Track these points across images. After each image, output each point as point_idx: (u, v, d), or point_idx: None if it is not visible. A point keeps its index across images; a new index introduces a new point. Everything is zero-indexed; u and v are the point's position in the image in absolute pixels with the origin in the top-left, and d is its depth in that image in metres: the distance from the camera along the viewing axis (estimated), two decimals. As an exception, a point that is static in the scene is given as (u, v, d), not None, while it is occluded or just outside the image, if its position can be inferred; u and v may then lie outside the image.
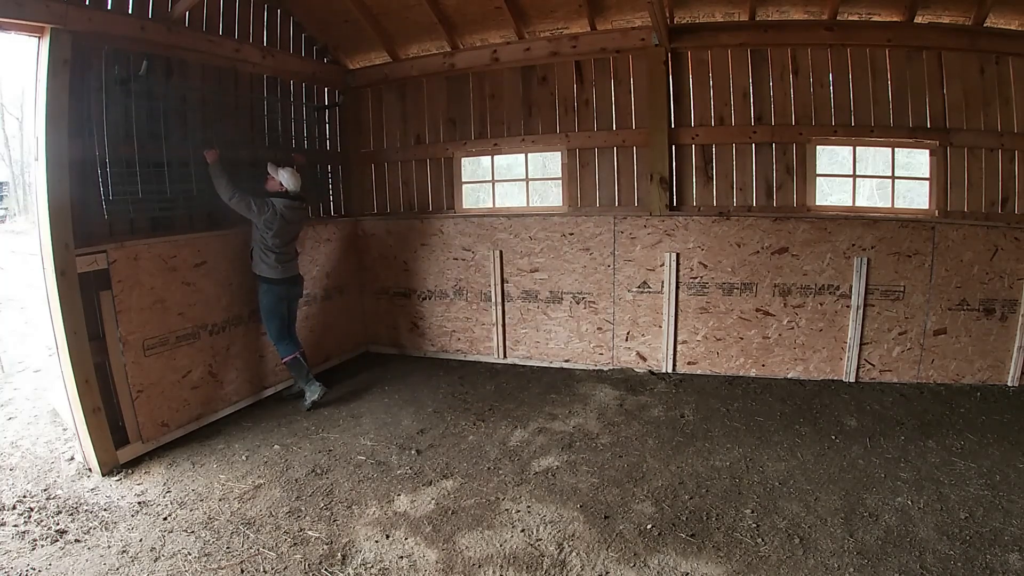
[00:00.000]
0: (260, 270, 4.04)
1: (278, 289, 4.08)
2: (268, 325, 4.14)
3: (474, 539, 2.59)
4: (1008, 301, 4.03)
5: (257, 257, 4.03)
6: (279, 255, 4.04)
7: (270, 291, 4.06)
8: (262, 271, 4.03)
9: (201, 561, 2.46)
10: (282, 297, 4.12)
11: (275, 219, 3.93)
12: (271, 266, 4.02)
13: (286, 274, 4.11)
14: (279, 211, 3.94)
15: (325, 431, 3.75)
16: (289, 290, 4.18)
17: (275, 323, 4.12)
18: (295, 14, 4.86)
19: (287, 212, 3.99)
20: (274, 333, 4.14)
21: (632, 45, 4.51)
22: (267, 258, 4.00)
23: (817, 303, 4.30)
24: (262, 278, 4.04)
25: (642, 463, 3.23)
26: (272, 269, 4.02)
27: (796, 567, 2.33)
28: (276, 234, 3.96)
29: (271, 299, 4.07)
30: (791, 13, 4.29)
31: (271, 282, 4.04)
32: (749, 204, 4.52)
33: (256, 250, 4.02)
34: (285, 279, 4.11)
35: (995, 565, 2.28)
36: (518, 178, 5.53)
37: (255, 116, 4.56)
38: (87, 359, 3.16)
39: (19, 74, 23.19)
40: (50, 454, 3.47)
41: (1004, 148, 4.07)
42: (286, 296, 4.16)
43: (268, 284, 4.04)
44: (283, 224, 3.99)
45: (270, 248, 3.98)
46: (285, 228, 4.02)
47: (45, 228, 3.01)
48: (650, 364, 4.71)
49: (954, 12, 4.04)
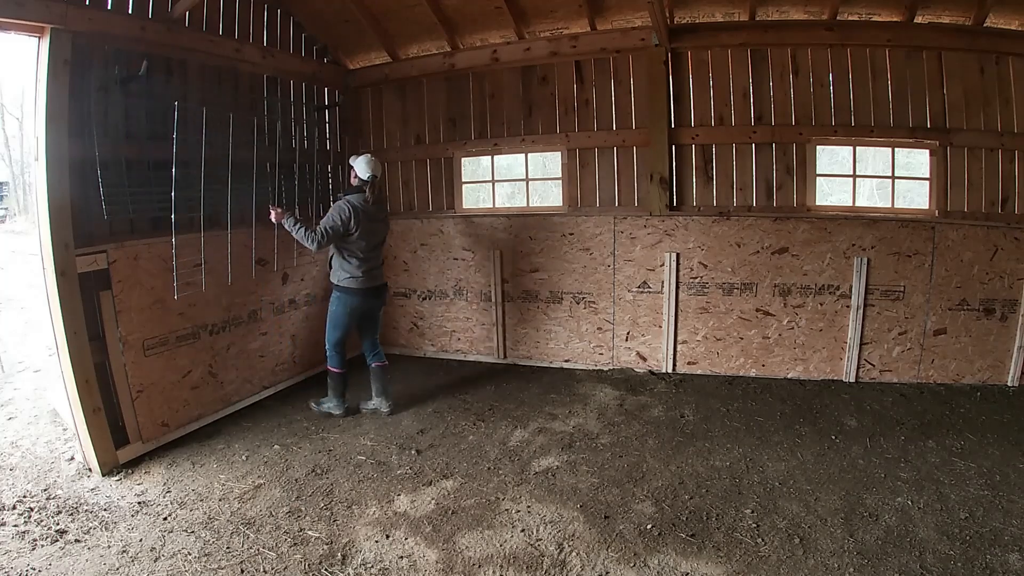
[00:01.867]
0: (339, 279, 3.67)
1: (355, 301, 3.70)
2: (330, 332, 3.80)
3: (474, 539, 2.59)
4: (1008, 301, 4.03)
5: (336, 264, 3.67)
6: (363, 261, 3.65)
7: (345, 301, 3.70)
8: (341, 280, 3.66)
9: (201, 561, 2.46)
10: (357, 309, 3.75)
11: (357, 220, 3.54)
12: (353, 275, 3.64)
13: (369, 283, 3.72)
14: (359, 209, 3.57)
15: (325, 431, 3.75)
16: (370, 302, 3.80)
17: (338, 334, 3.80)
18: (295, 14, 4.86)
19: (369, 209, 3.61)
20: (332, 342, 3.82)
21: (632, 45, 4.51)
22: (348, 264, 3.62)
23: (817, 303, 4.30)
24: (339, 287, 3.68)
25: (642, 463, 3.23)
26: (353, 279, 3.65)
27: (796, 567, 2.33)
28: (361, 235, 3.57)
29: (342, 309, 3.72)
30: (791, 13, 4.29)
31: (350, 292, 3.67)
32: (749, 204, 4.52)
33: (336, 257, 3.67)
34: (367, 289, 3.71)
35: (995, 565, 2.28)
36: (518, 178, 5.53)
37: (255, 116, 4.56)
38: (87, 359, 3.16)
39: (19, 74, 23.25)
40: (50, 454, 3.47)
41: (1004, 148, 4.06)
42: (363, 308, 3.78)
43: (345, 294, 3.68)
44: (367, 224, 3.59)
45: (353, 254, 3.60)
46: (369, 228, 3.63)
47: (45, 228, 3.01)
48: (650, 364, 4.71)
49: (954, 12, 4.03)
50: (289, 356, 4.64)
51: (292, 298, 4.64)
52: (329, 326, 3.83)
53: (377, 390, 3.97)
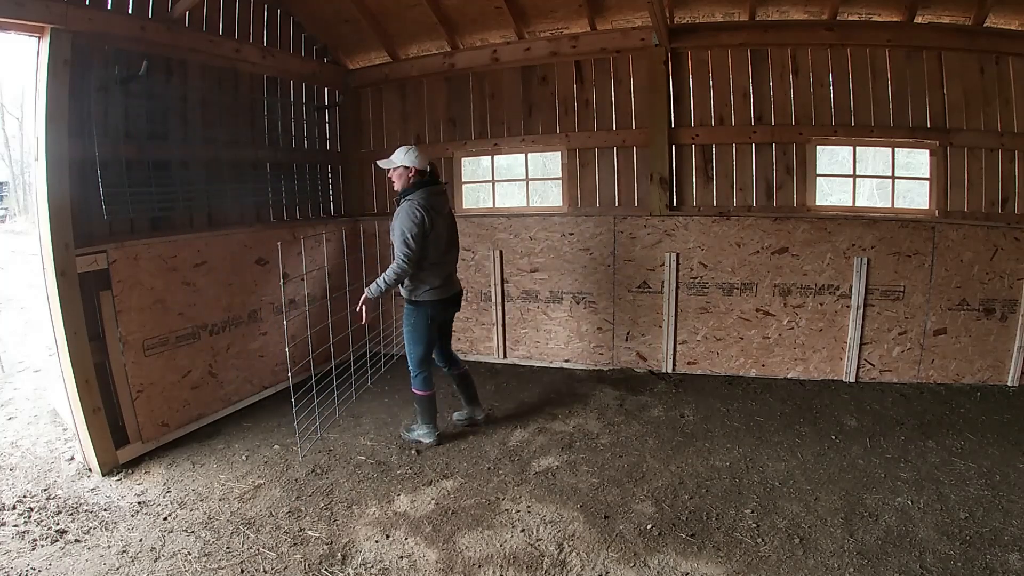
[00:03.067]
0: (417, 295, 3.25)
1: (435, 310, 3.29)
2: (412, 350, 3.35)
3: (474, 539, 2.59)
4: (1008, 301, 4.03)
5: (413, 279, 3.24)
6: (440, 266, 3.26)
7: (424, 312, 3.27)
8: (420, 295, 3.24)
9: (201, 561, 2.46)
10: (437, 318, 3.35)
11: (431, 217, 3.13)
12: (432, 286, 3.23)
13: (448, 292, 3.32)
14: (427, 207, 3.13)
15: (325, 431, 3.75)
16: (450, 310, 3.43)
17: (421, 349, 3.33)
18: (295, 14, 4.86)
19: (434, 201, 3.18)
20: (416, 359, 3.35)
21: (632, 45, 4.51)
22: (426, 275, 3.22)
23: (817, 303, 4.30)
24: (415, 301, 3.27)
25: (642, 463, 3.23)
26: (433, 290, 3.24)
27: (796, 567, 2.33)
28: (439, 234, 3.20)
29: (423, 321, 3.28)
30: (791, 13, 4.29)
31: (428, 304, 3.26)
32: (749, 204, 4.52)
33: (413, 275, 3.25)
34: (446, 299, 3.32)
35: (995, 565, 2.28)
36: (518, 178, 5.53)
37: (255, 116, 4.56)
38: (87, 359, 3.16)
39: (19, 74, 23.25)
40: (50, 454, 3.47)
41: (1004, 148, 4.06)
42: (443, 317, 3.42)
43: (423, 306, 3.27)
44: (435, 220, 3.17)
45: (430, 260, 3.20)
46: (440, 224, 3.22)
47: (45, 228, 3.01)
48: (650, 364, 4.71)
49: (954, 12, 4.03)
50: (289, 356, 4.63)
51: (292, 298, 4.64)
52: (409, 343, 3.36)
53: (467, 398, 3.70)
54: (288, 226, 4.67)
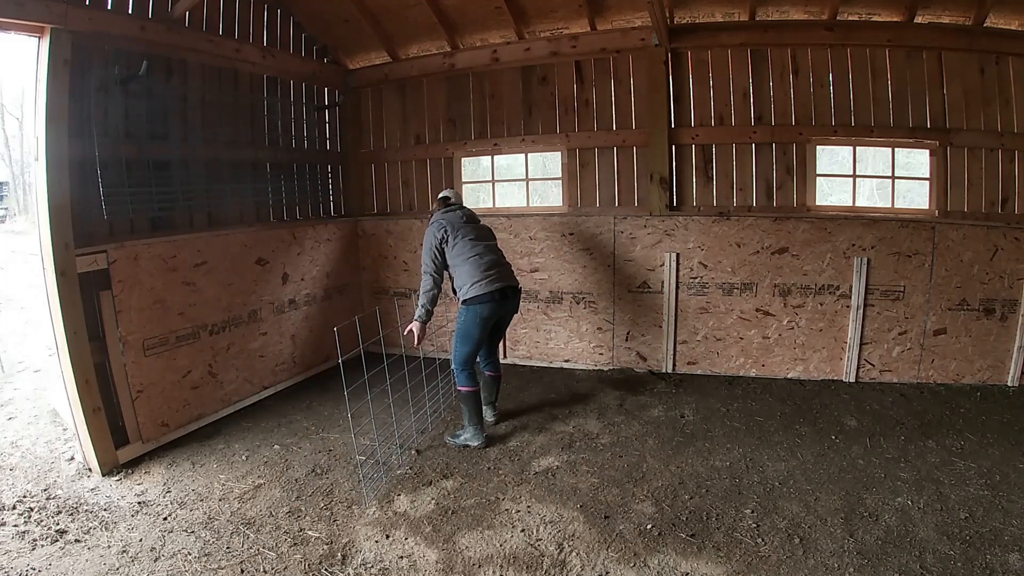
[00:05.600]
0: (465, 293, 3.31)
1: (487, 308, 3.30)
2: (458, 348, 3.39)
3: (474, 539, 2.59)
4: (1008, 301, 4.03)
5: (457, 282, 3.35)
6: (479, 257, 3.34)
7: (475, 311, 3.30)
8: (468, 293, 3.29)
9: (201, 561, 2.46)
10: (490, 318, 3.34)
11: (452, 226, 3.41)
12: (477, 279, 3.28)
13: (499, 283, 3.32)
14: (444, 221, 3.45)
15: (325, 431, 3.75)
16: (505, 305, 3.40)
17: (467, 348, 3.37)
18: (295, 14, 4.86)
19: (448, 216, 3.50)
20: (460, 359, 3.38)
21: (632, 45, 4.51)
22: (467, 270, 3.30)
23: (817, 303, 4.30)
24: (467, 300, 3.31)
25: (642, 463, 3.23)
26: (479, 283, 3.27)
27: (796, 567, 2.33)
28: (463, 235, 3.38)
29: (473, 319, 3.31)
30: (791, 13, 4.29)
31: (479, 301, 3.28)
32: (749, 204, 4.52)
33: (457, 277, 3.37)
34: (497, 291, 3.30)
35: (995, 565, 2.28)
36: (518, 178, 5.53)
37: (255, 116, 4.56)
38: (87, 359, 3.16)
39: (19, 74, 23.25)
40: (50, 454, 3.47)
41: (1004, 148, 4.06)
42: (497, 314, 3.39)
43: (474, 304, 3.30)
44: (460, 224, 3.45)
45: (465, 257, 3.32)
46: (461, 229, 3.42)
47: (45, 228, 3.01)
48: (650, 364, 4.71)
49: (954, 12, 4.04)
50: (289, 356, 4.64)
51: (292, 298, 4.64)
52: (457, 342, 3.40)
53: (485, 398, 3.72)
54: (288, 226, 4.68)
